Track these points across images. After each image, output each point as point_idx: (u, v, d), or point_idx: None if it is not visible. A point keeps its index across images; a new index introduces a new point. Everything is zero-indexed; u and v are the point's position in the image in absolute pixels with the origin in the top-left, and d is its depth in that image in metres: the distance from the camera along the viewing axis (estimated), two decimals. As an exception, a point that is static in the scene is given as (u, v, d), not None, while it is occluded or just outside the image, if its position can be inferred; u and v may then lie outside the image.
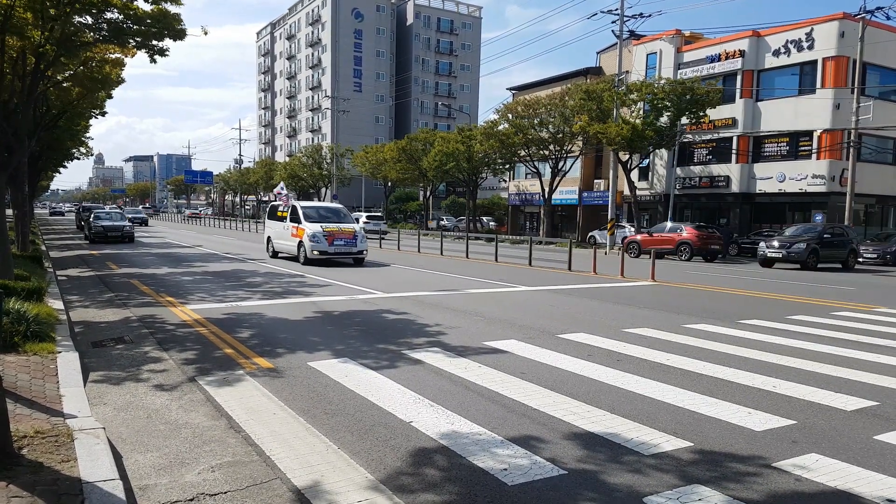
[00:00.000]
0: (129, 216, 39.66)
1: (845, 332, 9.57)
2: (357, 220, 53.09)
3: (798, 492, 3.96)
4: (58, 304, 9.82)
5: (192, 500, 3.76)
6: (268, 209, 24.39)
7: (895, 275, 22.35)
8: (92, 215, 31.55)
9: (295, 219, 20.20)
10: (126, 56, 16.82)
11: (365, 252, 19.98)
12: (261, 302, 11.72)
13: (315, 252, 18.97)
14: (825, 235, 24.34)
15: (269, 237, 22.86)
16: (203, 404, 5.59)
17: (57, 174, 58.19)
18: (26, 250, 16.04)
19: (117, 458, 4.24)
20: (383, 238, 33.51)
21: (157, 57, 14.55)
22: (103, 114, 25.13)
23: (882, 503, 3.81)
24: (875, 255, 27.03)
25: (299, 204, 20.92)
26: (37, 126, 18.10)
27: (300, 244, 19.62)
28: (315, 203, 23.36)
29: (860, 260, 26.24)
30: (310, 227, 19.29)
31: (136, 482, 3.98)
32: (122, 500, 3.53)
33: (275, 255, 21.97)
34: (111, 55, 16.58)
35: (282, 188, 28.07)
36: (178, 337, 8.48)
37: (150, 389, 6.04)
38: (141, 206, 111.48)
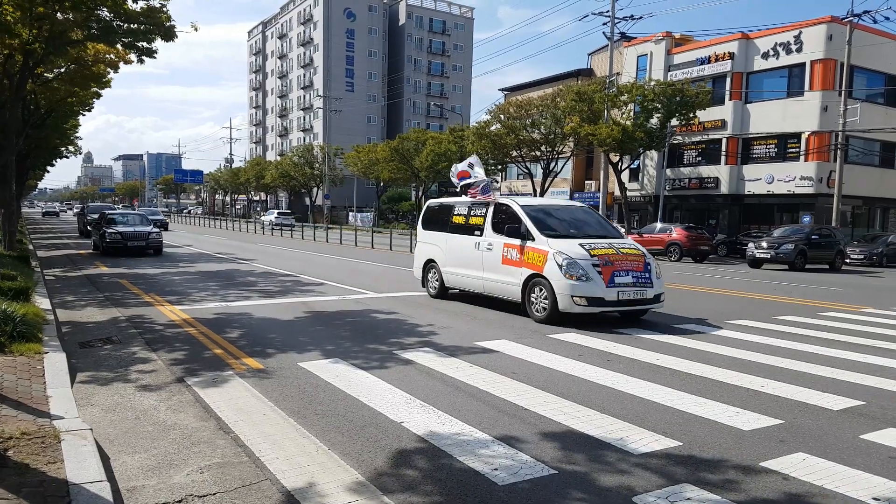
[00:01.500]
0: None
1: (832, 333, 9.64)
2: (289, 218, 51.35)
3: (785, 491, 3.99)
4: (45, 304, 9.73)
5: (180, 501, 3.74)
6: (423, 211, 13.59)
7: (881, 276, 22.55)
8: (104, 219, 23.16)
9: (515, 230, 10.47)
10: (120, 61, 16.77)
11: (662, 298, 10.25)
12: (251, 302, 11.67)
13: (580, 299, 9.43)
14: (813, 237, 24.53)
15: (429, 261, 12.81)
16: (192, 405, 5.56)
17: (45, 173, 57.73)
18: (13, 249, 15.91)
19: (105, 459, 4.21)
20: (292, 228, 44.94)
21: (145, 57, 14.51)
22: (89, 109, 25.02)
23: (868, 501, 3.84)
24: (862, 257, 27.28)
25: (518, 202, 11.09)
26: (25, 124, 17.96)
27: (533, 281, 10.03)
28: (545, 201, 13.19)
29: (847, 261, 26.46)
30: (559, 248, 9.78)
31: (123, 484, 3.95)
32: (110, 502, 3.50)
33: (443, 292, 12.45)
34: (107, 56, 16.53)
35: (475, 162, 12.56)
36: (167, 337, 8.43)
37: (139, 390, 6.00)
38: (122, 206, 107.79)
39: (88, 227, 29.22)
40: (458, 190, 12.44)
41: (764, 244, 24.34)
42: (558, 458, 4.42)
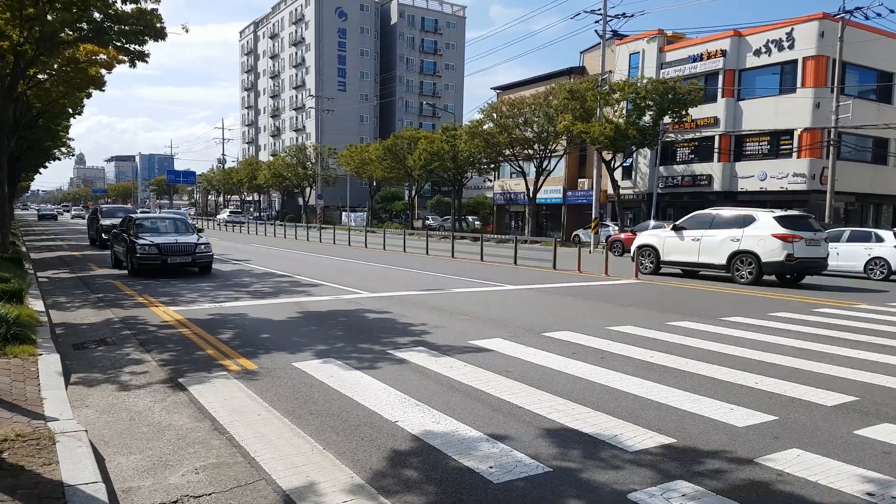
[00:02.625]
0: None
1: (826, 329, 9.69)
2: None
3: (780, 487, 4.01)
4: (39, 306, 9.69)
5: (175, 502, 3.73)
6: None
7: (874, 272, 22.65)
8: (131, 225, 17.44)
9: None
10: (114, 60, 16.72)
11: None
12: (244, 303, 11.65)
13: None
14: (806, 233, 24.57)
15: None
16: (186, 406, 5.55)
17: (37, 174, 57.55)
18: (6, 251, 15.81)
19: (100, 460, 4.20)
20: (241, 224, 55.39)
21: (137, 62, 14.46)
22: (79, 113, 24.92)
23: (862, 497, 3.87)
24: (855, 253, 27.37)
25: None
26: (17, 125, 17.86)
27: None
28: None
29: (840, 257, 26.50)
30: None
31: (119, 485, 3.94)
32: (105, 503, 3.50)
33: None
34: (100, 56, 16.45)
35: None
36: (161, 338, 8.40)
37: (133, 391, 5.98)
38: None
39: (104, 235, 23.89)
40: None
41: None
42: (553, 456, 4.44)
